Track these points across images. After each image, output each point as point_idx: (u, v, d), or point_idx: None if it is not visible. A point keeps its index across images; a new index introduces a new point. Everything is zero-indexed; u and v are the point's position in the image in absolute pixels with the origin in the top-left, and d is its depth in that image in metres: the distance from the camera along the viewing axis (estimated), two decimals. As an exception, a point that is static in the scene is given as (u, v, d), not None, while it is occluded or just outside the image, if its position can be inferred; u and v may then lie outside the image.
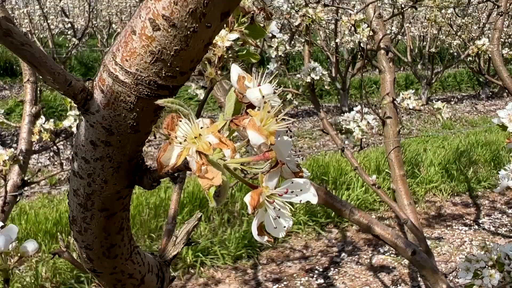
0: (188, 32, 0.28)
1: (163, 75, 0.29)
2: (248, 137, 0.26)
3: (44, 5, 7.04)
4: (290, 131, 0.30)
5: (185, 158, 0.28)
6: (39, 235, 2.46)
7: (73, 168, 0.35)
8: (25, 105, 1.42)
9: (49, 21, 6.54)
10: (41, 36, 7.57)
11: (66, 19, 6.97)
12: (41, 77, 0.30)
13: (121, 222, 0.40)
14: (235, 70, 0.30)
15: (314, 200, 0.28)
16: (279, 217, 0.28)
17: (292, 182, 0.28)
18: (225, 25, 0.68)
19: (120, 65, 0.30)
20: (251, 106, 0.29)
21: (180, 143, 0.27)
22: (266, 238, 0.28)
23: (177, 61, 0.29)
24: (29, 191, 3.17)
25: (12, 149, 1.24)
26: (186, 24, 0.28)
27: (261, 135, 0.26)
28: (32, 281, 2.19)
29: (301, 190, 0.28)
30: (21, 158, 1.31)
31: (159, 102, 0.28)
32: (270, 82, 0.30)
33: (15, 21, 7.40)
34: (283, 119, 0.28)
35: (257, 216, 0.28)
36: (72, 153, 0.35)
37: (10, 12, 7.43)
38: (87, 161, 0.34)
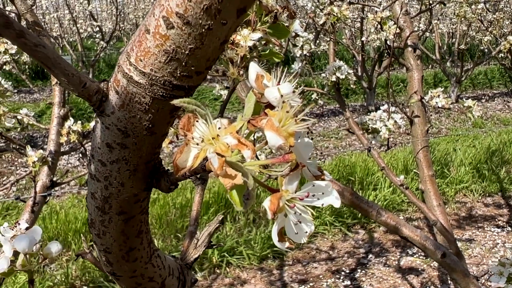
0: (203, 30, 0.27)
1: (178, 75, 0.28)
2: (266, 138, 0.25)
3: (73, 10, 7.19)
4: (311, 132, 0.29)
5: (202, 160, 0.27)
6: (69, 234, 2.51)
7: (90, 171, 0.35)
8: (53, 107, 1.45)
9: (78, 25, 6.67)
10: (71, 40, 7.74)
11: (95, 23, 7.10)
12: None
13: (139, 225, 0.39)
14: (254, 68, 0.28)
15: (337, 203, 0.27)
16: (300, 222, 0.27)
17: (314, 185, 0.27)
18: (247, 25, 0.67)
19: (134, 65, 0.29)
20: (270, 106, 0.27)
21: (197, 144, 0.26)
22: (287, 244, 0.27)
23: (192, 60, 0.28)
24: (59, 191, 3.24)
25: (41, 151, 1.26)
26: (200, 21, 0.26)
27: (279, 136, 0.24)
28: (63, 279, 2.23)
29: (323, 193, 0.27)
30: (50, 159, 1.33)
31: (175, 102, 0.27)
32: (290, 81, 0.28)
33: (46, 26, 7.59)
34: (303, 119, 0.26)
35: (277, 221, 0.26)
36: (89, 155, 0.35)
37: (41, 17, 7.62)
38: (104, 164, 0.33)
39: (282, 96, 0.26)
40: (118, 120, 0.31)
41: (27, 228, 0.60)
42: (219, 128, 0.26)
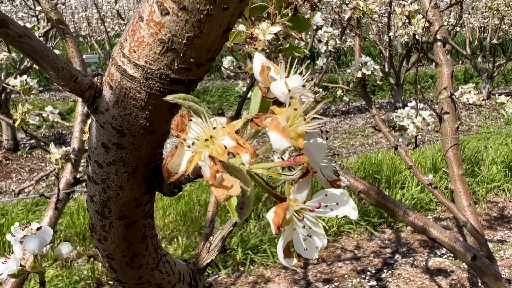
0: (202, 16, 0.23)
1: (176, 67, 0.25)
2: (270, 140, 0.21)
3: (101, 9, 7.30)
4: (327, 131, 0.26)
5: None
6: (94, 230, 2.53)
7: (88, 173, 0.32)
8: (77, 105, 1.45)
9: (106, 24, 6.77)
10: (99, 38, 7.86)
11: (122, 22, 7.19)
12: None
13: (143, 230, 0.36)
14: (259, 59, 0.25)
15: (353, 215, 0.23)
16: (310, 236, 0.23)
17: (326, 195, 0.23)
18: (266, 18, 0.64)
19: (128, 57, 0.26)
20: (278, 102, 0.24)
21: (188, 147, 0.23)
22: (295, 261, 0.24)
23: (191, 50, 0.25)
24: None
25: (64, 148, 1.26)
26: (198, 6, 0.23)
27: (285, 137, 0.21)
28: (89, 274, 2.25)
29: (337, 204, 0.23)
30: (73, 156, 1.33)
31: (168, 98, 0.24)
32: (301, 73, 0.25)
33: (75, 25, 7.72)
34: (315, 117, 0.22)
35: (284, 235, 0.23)
36: (86, 156, 0.32)
37: (70, 17, 7.76)
38: (100, 165, 0.30)
39: (290, 90, 0.23)
40: (112, 118, 0.28)
41: (38, 229, 0.59)
42: (214, 128, 0.23)
